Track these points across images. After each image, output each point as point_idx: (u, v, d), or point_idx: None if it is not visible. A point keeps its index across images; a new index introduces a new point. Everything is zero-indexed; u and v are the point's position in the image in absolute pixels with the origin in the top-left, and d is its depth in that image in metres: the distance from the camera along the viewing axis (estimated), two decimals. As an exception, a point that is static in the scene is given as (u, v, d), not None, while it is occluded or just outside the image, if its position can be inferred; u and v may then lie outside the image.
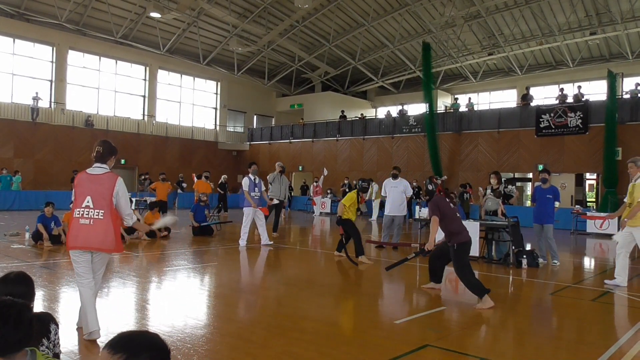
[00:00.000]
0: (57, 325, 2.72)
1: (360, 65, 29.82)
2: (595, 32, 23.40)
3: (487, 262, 9.14)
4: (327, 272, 8.23)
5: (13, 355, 1.76)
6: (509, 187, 9.89)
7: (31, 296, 2.64)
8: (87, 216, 4.17)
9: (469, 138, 22.68)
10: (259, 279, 7.79)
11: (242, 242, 10.72)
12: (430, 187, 6.49)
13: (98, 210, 4.17)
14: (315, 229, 16.61)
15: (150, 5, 22.93)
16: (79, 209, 4.19)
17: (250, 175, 10.81)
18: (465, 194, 18.27)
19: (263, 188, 11.02)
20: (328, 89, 32.56)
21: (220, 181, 21.27)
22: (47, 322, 2.66)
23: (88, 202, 4.18)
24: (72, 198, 4.45)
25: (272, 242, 10.98)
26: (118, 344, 1.46)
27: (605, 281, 7.33)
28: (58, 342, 2.69)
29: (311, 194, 24.82)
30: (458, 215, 6.25)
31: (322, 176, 17.94)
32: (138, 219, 11.31)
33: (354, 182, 23.69)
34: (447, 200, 6.23)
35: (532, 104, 21.93)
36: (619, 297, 6.62)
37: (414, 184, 21.04)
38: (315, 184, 23.40)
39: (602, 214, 15.15)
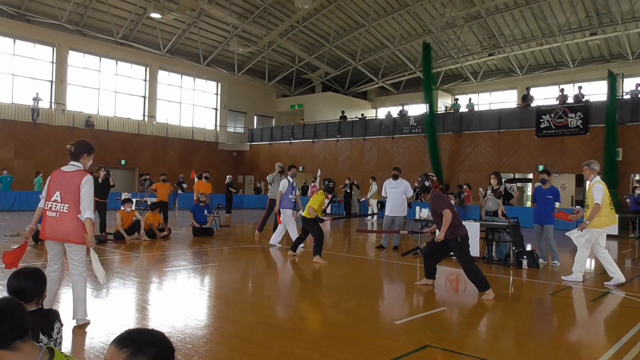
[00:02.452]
0: (61, 324, 2.73)
1: (361, 65, 29.82)
2: (596, 32, 23.41)
3: (488, 263, 9.13)
4: (327, 273, 8.23)
5: (15, 345, 1.77)
6: (510, 185, 9.89)
7: (39, 292, 2.70)
8: (54, 209, 4.48)
9: (469, 139, 22.68)
10: (259, 279, 7.79)
11: (275, 241, 10.68)
12: (427, 183, 6.66)
13: (64, 205, 4.46)
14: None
15: (150, 5, 22.95)
16: (48, 203, 4.53)
17: (289, 177, 10.72)
18: (461, 194, 18.35)
19: (298, 192, 10.93)
20: (328, 90, 32.57)
21: (226, 182, 21.31)
22: (51, 319, 2.67)
23: (57, 196, 4.49)
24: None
25: (279, 245, 10.83)
26: (125, 340, 1.50)
27: (605, 283, 7.34)
28: (60, 341, 2.70)
29: (309, 195, 24.81)
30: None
31: (317, 177, 17.96)
32: (139, 220, 11.36)
33: (354, 182, 23.73)
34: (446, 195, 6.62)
35: (533, 104, 21.93)
36: (620, 297, 6.61)
37: (416, 184, 20.98)
38: (312, 184, 23.41)
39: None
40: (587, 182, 7.67)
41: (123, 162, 25.86)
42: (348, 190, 23.21)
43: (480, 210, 10.34)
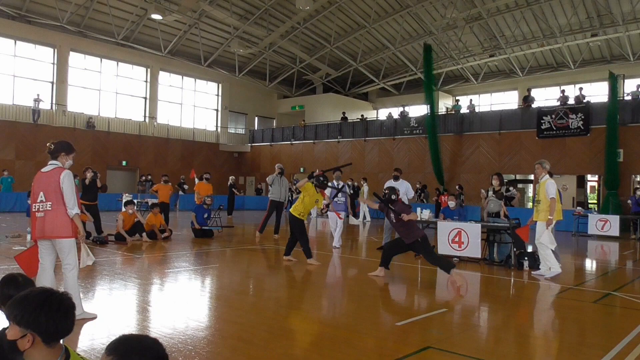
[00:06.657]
0: None
1: (362, 66, 29.83)
2: (597, 33, 23.39)
3: (489, 264, 9.13)
4: (327, 274, 8.23)
5: (55, 344, 1.78)
6: (510, 189, 9.89)
7: None
8: (41, 209, 4.65)
9: (470, 140, 22.67)
10: (260, 281, 7.78)
11: (337, 243, 10.95)
12: (392, 197, 7.49)
13: (47, 203, 4.63)
14: (311, 231, 16.60)
15: (151, 7, 22.97)
16: (35, 205, 4.68)
17: (334, 181, 10.79)
18: (461, 195, 18.42)
19: (348, 191, 11.03)
20: (329, 91, 32.58)
21: (229, 182, 21.27)
22: None
23: (41, 197, 4.65)
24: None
25: (340, 245, 11.05)
26: (112, 346, 1.52)
27: (538, 274, 7.93)
28: None
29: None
30: None
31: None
32: (139, 221, 11.35)
33: (355, 183, 23.71)
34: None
35: (534, 105, 21.93)
36: (621, 299, 6.61)
37: (417, 185, 21.11)
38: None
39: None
40: (539, 180, 8.20)
41: (124, 163, 25.88)
42: (351, 192, 23.19)
43: (482, 211, 10.32)
